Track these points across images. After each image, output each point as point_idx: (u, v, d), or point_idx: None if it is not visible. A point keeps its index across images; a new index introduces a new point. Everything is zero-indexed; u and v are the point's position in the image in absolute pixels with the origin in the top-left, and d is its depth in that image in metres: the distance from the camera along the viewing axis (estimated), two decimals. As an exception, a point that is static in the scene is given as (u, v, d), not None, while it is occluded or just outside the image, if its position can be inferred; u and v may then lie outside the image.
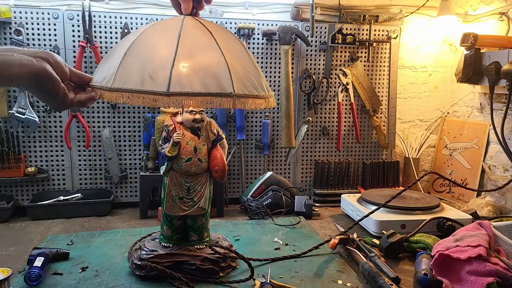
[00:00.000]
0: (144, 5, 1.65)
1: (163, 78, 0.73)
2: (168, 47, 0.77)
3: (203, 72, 0.76)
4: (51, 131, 1.58)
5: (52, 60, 0.70)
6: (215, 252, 1.05)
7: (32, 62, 0.66)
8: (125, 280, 1.01)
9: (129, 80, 0.74)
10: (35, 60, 0.66)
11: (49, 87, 0.69)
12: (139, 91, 0.73)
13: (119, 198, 1.67)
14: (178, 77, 0.74)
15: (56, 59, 0.71)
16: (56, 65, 0.70)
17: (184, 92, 0.73)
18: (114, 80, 0.75)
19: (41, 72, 0.67)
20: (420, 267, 1.01)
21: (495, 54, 1.52)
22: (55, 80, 0.69)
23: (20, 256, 1.16)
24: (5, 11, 1.46)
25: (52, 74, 0.68)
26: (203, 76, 0.76)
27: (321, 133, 1.82)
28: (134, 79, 0.74)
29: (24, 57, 0.65)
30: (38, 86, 0.68)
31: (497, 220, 1.26)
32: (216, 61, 0.78)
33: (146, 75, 0.74)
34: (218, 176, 1.06)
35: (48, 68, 0.68)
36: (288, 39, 1.67)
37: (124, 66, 0.76)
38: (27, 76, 0.66)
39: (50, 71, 0.68)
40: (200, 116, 1.04)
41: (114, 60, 0.78)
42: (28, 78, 0.66)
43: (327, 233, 1.39)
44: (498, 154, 1.64)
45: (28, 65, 0.65)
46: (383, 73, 1.84)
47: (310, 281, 1.03)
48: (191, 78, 0.75)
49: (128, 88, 0.74)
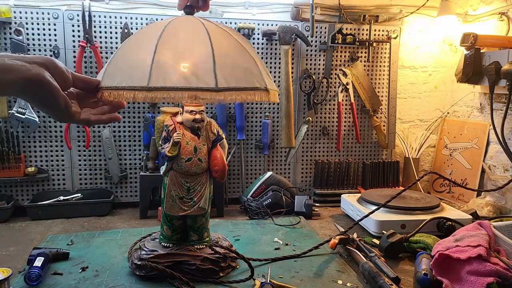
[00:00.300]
0: (144, 5, 1.65)
1: (209, 74, 0.75)
2: (204, 45, 0.78)
3: (238, 68, 0.80)
4: (51, 131, 1.58)
5: (51, 66, 0.64)
6: (215, 252, 1.05)
7: (25, 67, 0.60)
8: (125, 280, 1.01)
9: (168, 78, 0.74)
10: (29, 65, 0.61)
11: (47, 95, 0.63)
12: (185, 88, 0.74)
13: (119, 198, 1.67)
14: (222, 73, 0.76)
15: (56, 65, 0.65)
16: (56, 71, 0.65)
17: (231, 87, 0.77)
18: (151, 79, 0.73)
19: (36, 78, 0.61)
20: (420, 267, 1.01)
21: (495, 54, 1.52)
22: (53, 88, 0.63)
23: (20, 256, 1.16)
24: (5, 11, 1.46)
25: (49, 81, 0.62)
26: (239, 72, 0.80)
27: (321, 133, 1.82)
28: (173, 76, 0.74)
29: (17, 62, 0.60)
30: (34, 94, 0.62)
31: (497, 220, 1.26)
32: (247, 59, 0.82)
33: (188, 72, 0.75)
34: (218, 176, 1.06)
35: (45, 74, 0.62)
36: (288, 39, 1.67)
37: (159, 64, 0.75)
38: (20, 83, 0.60)
39: (47, 77, 0.62)
40: (200, 116, 1.04)
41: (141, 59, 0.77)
42: (21, 85, 0.60)
43: (327, 233, 1.39)
44: (498, 154, 1.64)
45: (21, 71, 0.60)
46: (383, 73, 1.84)
47: (310, 281, 1.03)
48: (235, 74, 0.78)
49: (171, 86, 0.73)
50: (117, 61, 0.82)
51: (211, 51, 0.78)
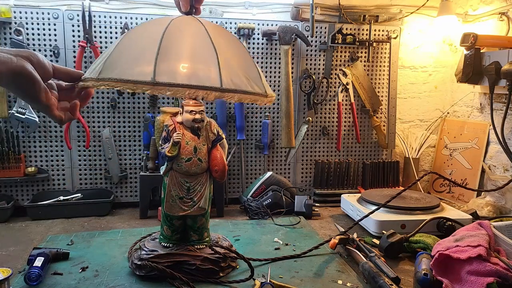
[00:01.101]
0: (144, 5, 1.65)
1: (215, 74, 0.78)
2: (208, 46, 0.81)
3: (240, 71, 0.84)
4: (51, 131, 1.58)
5: (34, 59, 0.68)
6: (215, 252, 1.05)
7: (11, 60, 0.64)
8: (125, 280, 1.01)
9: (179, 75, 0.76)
10: (15, 58, 0.65)
11: (29, 86, 0.67)
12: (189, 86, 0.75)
13: (119, 198, 1.67)
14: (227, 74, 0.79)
15: (38, 58, 0.69)
16: (38, 64, 0.68)
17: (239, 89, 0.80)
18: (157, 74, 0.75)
19: (20, 70, 0.65)
20: (420, 267, 1.01)
21: (495, 54, 1.52)
22: (35, 79, 0.67)
23: (20, 256, 1.16)
24: (5, 11, 1.46)
25: (31, 73, 0.66)
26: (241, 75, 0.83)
27: (321, 133, 1.82)
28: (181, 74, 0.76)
29: (3, 55, 0.64)
30: (18, 86, 0.66)
31: (497, 220, 1.26)
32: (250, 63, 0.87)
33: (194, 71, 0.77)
34: (218, 176, 1.06)
35: (28, 66, 0.66)
36: (288, 39, 1.67)
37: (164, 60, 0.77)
38: (6, 74, 0.64)
39: (30, 69, 0.66)
40: (200, 116, 1.03)
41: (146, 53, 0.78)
42: (6, 77, 0.64)
43: (327, 233, 1.39)
44: (498, 154, 1.64)
45: (7, 63, 0.63)
46: (383, 73, 1.84)
47: (310, 281, 1.03)
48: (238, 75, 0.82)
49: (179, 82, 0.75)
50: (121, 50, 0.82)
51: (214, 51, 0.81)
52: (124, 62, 0.78)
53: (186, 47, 0.81)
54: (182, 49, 0.81)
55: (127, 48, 0.81)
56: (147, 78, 0.74)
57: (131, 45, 0.82)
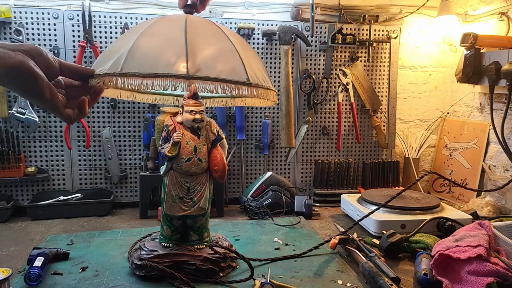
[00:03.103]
0: (144, 5, 1.65)
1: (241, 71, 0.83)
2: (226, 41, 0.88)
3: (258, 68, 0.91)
4: (51, 131, 1.58)
5: (36, 53, 0.62)
6: (215, 252, 1.05)
7: (8, 54, 0.58)
8: (125, 280, 1.01)
9: (212, 68, 0.81)
10: (13, 53, 0.59)
11: (30, 83, 0.61)
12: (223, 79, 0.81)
13: (119, 198, 1.67)
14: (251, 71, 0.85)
15: (41, 52, 0.63)
16: (41, 60, 0.62)
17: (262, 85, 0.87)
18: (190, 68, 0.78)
19: (18, 65, 0.59)
20: (420, 267, 1.01)
21: (495, 54, 1.52)
22: (36, 76, 0.61)
23: (20, 256, 1.16)
24: (5, 11, 1.46)
25: (32, 68, 0.60)
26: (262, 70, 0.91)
27: (321, 133, 1.82)
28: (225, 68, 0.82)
29: None
30: (17, 83, 0.60)
31: (497, 220, 1.26)
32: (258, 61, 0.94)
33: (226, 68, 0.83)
34: (218, 176, 1.06)
35: (29, 62, 0.60)
36: (288, 39, 1.67)
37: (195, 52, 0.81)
38: (2, 70, 0.58)
39: (30, 65, 0.60)
40: (200, 116, 1.03)
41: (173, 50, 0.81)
42: (3, 73, 0.59)
43: (327, 233, 1.39)
44: (498, 154, 1.64)
45: (4, 58, 0.58)
46: (383, 73, 1.84)
47: (310, 281, 1.03)
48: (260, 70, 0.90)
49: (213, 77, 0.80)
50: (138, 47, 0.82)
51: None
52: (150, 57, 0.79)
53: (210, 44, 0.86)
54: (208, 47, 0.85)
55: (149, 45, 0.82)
56: (182, 71, 0.78)
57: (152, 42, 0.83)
